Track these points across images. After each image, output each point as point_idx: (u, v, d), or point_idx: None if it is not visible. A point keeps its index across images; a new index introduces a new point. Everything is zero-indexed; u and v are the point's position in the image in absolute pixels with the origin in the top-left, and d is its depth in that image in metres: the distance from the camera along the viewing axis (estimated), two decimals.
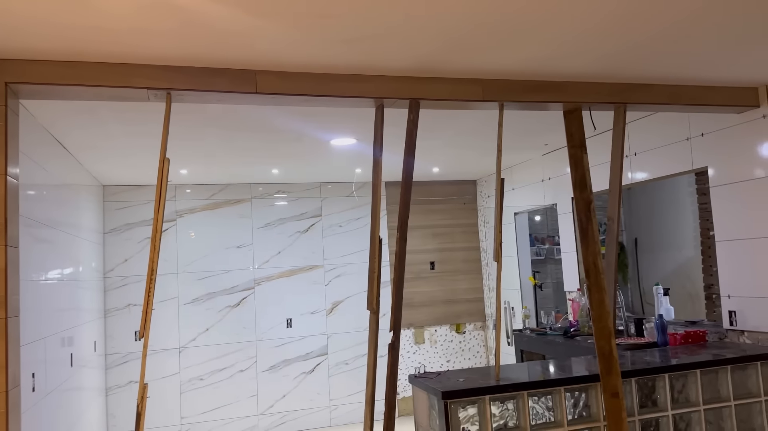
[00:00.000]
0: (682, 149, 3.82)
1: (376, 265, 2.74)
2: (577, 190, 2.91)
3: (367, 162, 5.14)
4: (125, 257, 5.45)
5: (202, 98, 2.52)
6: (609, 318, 2.79)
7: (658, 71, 2.90)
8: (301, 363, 5.83)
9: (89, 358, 4.63)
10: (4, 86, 2.21)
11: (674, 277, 4.75)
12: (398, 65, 2.57)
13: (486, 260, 6.39)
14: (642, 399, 2.91)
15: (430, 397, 2.79)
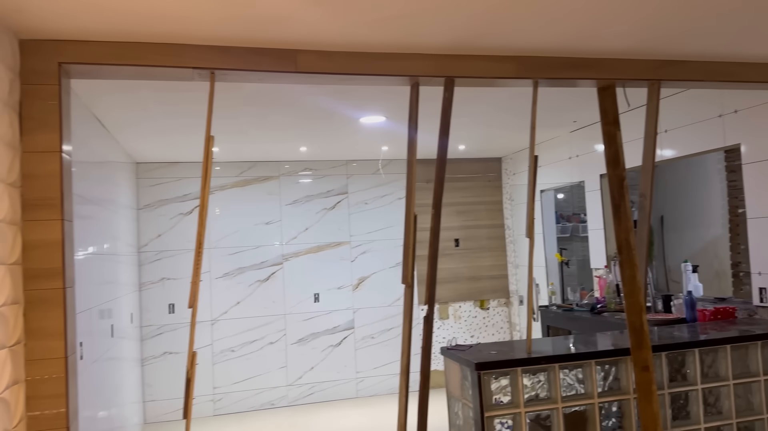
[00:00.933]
0: (714, 126, 3.80)
1: (411, 241, 2.81)
2: (610, 166, 2.94)
3: (394, 139, 5.18)
4: (158, 232, 5.60)
5: (244, 77, 2.58)
6: (640, 294, 2.83)
7: (692, 47, 2.89)
8: (329, 337, 5.97)
9: (127, 330, 4.79)
10: (57, 66, 2.29)
11: (701, 255, 4.76)
12: (433, 43, 2.60)
13: (511, 237, 6.43)
14: (672, 373, 2.96)
15: (462, 368, 2.87)
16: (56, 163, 2.29)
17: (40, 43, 2.29)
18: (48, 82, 2.29)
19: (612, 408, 2.90)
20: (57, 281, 2.27)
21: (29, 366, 2.25)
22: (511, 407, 2.74)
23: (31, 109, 2.28)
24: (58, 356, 2.27)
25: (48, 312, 2.26)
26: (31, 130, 2.28)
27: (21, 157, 2.27)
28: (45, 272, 2.27)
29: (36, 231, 2.27)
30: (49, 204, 2.28)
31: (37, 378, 2.25)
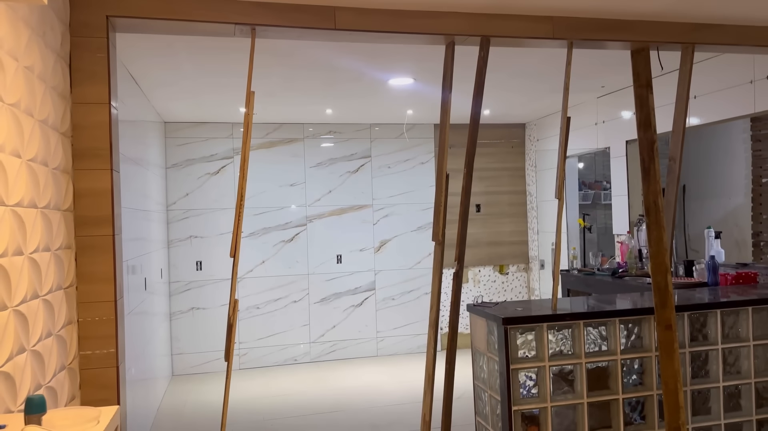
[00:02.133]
0: (744, 92, 3.79)
1: (443, 199, 2.88)
2: (641, 129, 2.96)
3: (420, 102, 5.21)
4: (186, 191, 5.71)
5: (283, 34, 2.63)
6: (666, 255, 2.89)
7: (727, 11, 2.88)
8: (350, 297, 6.10)
9: (157, 285, 4.95)
10: (105, 20, 2.36)
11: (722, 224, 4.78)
12: (470, 2, 2.62)
13: (533, 203, 6.48)
14: (693, 333, 3.04)
15: (489, 324, 2.96)
16: (105, 114, 2.37)
17: None
18: (97, 34, 2.35)
19: (634, 364, 2.99)
20: (107, 228, 2.38)
21: (81, 308, 2.37)
22: (535, 361, 2.84)
23: (80, 61, 2.35)
24: (108, 299, 2.39)
25: (98, 257, 2.38)
26: (81, 81, 2.35)
27: (71, 107, 2.35)
28: (95, 219, 2.37)
29: (86, 179, 2.37)
30: (99, 154, 2.37)
31: (89, 320, 2.37)
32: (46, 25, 2.09)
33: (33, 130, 1.94)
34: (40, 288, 1.97)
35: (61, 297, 2.20)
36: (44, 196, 2.03)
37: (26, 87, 1.89)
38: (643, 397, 2.96)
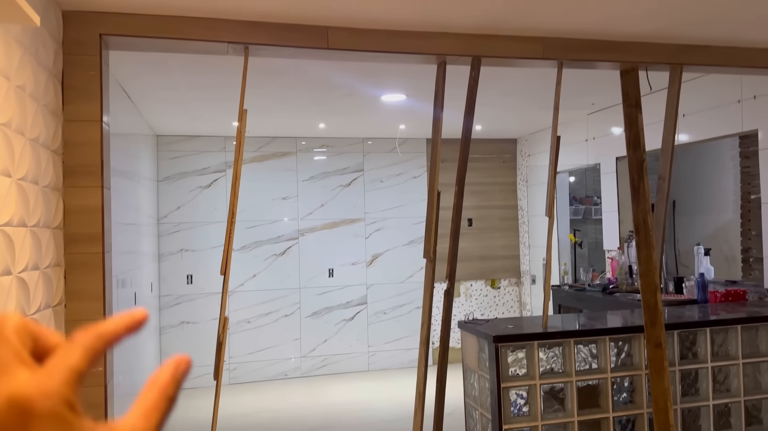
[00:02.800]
0: (732, 111, 3.84)
1: (434, 216, 2.89)
2: (630, 148, 2.99)
3: (412, 118, 5.23)
4: (178, 205, 5.70)
5: (277, 53, 2.64)
6: (656, 273, 2.91)
7: (714, 33, 2.92)
8: (342, 311, 6.08)
9: (147, 299, 4.92)
10: (98, 38, 2.36)
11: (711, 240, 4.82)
12: (462, 22, 2.65)
13: (524, 218, 6.50)
14: (683, 351, 3.05)
15: (480, 341, 2.96)
16: (97, 131, 2.37)
17: (82, 15, 2.35)
18: (89, 52, 2.36)
19: (624, 382, 3.00)
20: (97, 245, 2.37)
21: (69, 326, 2.36)
22: (526, 379, 2.84)
23: (73, 78, 2.35)
24: (97, 318, 2.37)
25: (88, 275, 2.36)
26: (73, 99, 2.35)
27: (63, 125, 2.35)
28: (85, 237, 2.36)
29: (77, 197, 2.36)
30: (90, 171, 2.36)
31: None
32: (38, 43, 2.09)
33: (24, 149, 1.93)
34: (27, 308, 1.96)
35: (49, 316, 2.18)
36: (34, 214, 2.02)
37: (18, 106, 1.89)
38: (634, 416, 2.96)
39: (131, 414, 0.34)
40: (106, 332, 0.34)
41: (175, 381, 0.36)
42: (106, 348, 0.34)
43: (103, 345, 0.34)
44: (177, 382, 0.36)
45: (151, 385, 0.35)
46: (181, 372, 0.36)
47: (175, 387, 0.35)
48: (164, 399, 0.35)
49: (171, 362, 0.36)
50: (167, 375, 0.36)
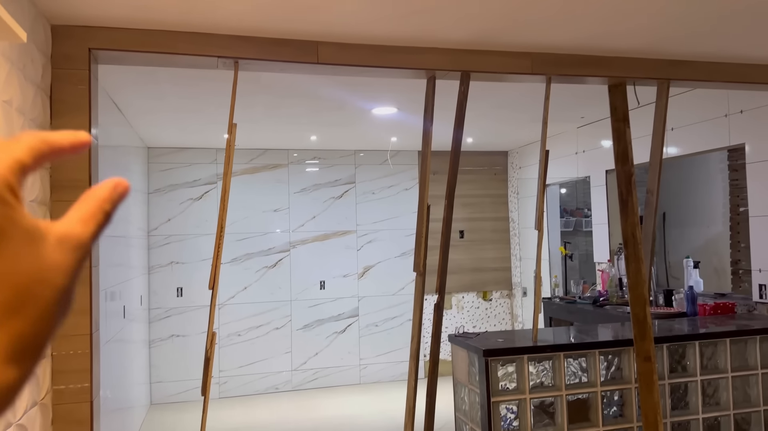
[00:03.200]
0: (719, 125, 3.88)
1: (424, 230, 2.89)
2: (618, 162, 3.01)
3: (403, 131, 5.25)
4: (168, 217, 5.68)
5: (266, 67, 2.65)
6: (644, 287, 2.92)
7: (701, 48, 2.95)
8: (333, 323, 6.06)
9: (136, 312, 4.88)
10: (87, 52, 2.36)
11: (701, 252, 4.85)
12: (451, 38, 2.67)
13: (515, 230, 6.52)
14: (672, 365, 3.06)
15: (470, 355, 2.96)
16: None
17: (71, 29, 2.35)
18: (78, 66, 2.36)
19: (614, 396, 2.99)
20: None
21: (55, 341, 2.33)
22: (516, 393, 2.83)
23: (61, 92, 2.35)
24: (83, 333, 2.36)
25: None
26: (61, 113, 2.35)
27: None
28: None
29: (64, 211, 2.32)
30: (78, 185, 2.35)
31: (63, 353, 2.33)
32: (26, 58, 2.09)
33: None
34: None
35: None
36: None
37: (4, 121, 1.88)
38: (624, 429, 2.96)
39: (68, 218, 0.34)
40: (52, 140, 0.34)
41: (113, 199, 0.36)
42: (50, 156, 0.34)
43: (48, 150, 0.34)
44: (114, 201, 0.36)
45: (89, 197, 0.35)
46: (119, 193, 0.36)
47: (112, 205, 0.36)
48: (101, 212, 0.35)
49: (110, 181, 0.36)
50: (106, 192, 0.36)
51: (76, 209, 0.35)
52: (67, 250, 0.33)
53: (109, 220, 0.36)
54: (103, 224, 0.35)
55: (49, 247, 0.32)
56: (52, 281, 0.32)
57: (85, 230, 0.34)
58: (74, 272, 0.33)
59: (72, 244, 0.33)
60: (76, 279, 0.33)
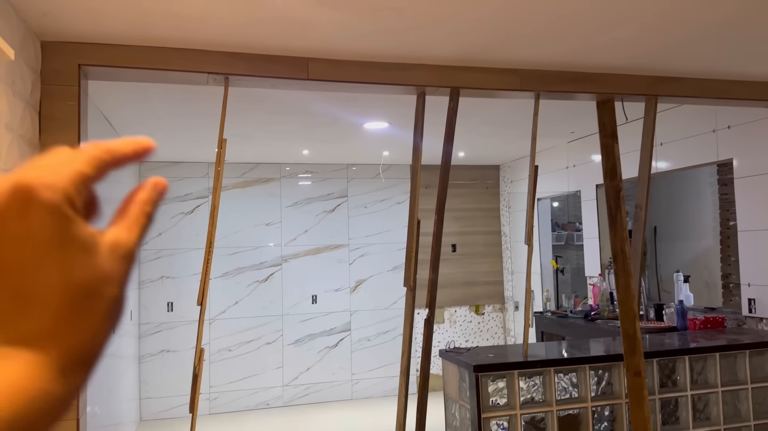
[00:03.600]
0: (708, 140, 3.91)
1: (414, 245, 2.90)
2: (607, 178, 3.03)
3: (395, 145, 5.27)
4: (159, 231, 5.65)
5: (257, 83, 2.66)
6: (634, 301, 2.93)
7: (688, 65, 2.99)
8: (325, 338, 6.03)
9: (126, 327, 4.84)
10: (77, 68, 2.37)
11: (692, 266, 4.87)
12: (440, 55, 2.69)
13: (507, 244, 6.53)
14: (662, 379, 3.06)
15: (460, 370, 2.95)
16: None
17: (61, 45, 2.36)
18: (68, 83, 2.36)
19: (604, 412, 2.99)
20: None
21: None
22: (507, 409, 2.83)
23: (50, 108, 2.35)
24: None
25: None
26: (50, 129, 2.35)
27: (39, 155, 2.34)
28: None
29: None
30: None
31: None
32: (15, 74, 2.09)
33: None
34: None
35: None
36: None
37: None
38: None
39: (115, 227, 0.34)
40: (114, 148, 0.35)
41: (153, 200, 0.36)
42: (112, 164, 0.35)
43: (111, 159, 0.35)
44: (154, 202, 0.36)
45: (131, 202, 0.36)
46: (159, 193, 0.37)
47: (153, 206, 0.36)
48: (144, 215, 0.36)
49: (150, 182, 0.37)
50: (146, 193, 0.36)
51: (121, 216, 0.35)
52: (118, 259, 0.33)
53: (152, 223, 0.36)
54: (146, 227, 0.36)
55: (101, 258, 0.33)
56: (106, 292, 0.32)
57: (131, 236, 0.34)
58: (125, 281, 0.34)
59: (121, 253, 0.34)
60: (126, 288, 0.34)
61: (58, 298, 0.31)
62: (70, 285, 0.31)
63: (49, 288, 0.30)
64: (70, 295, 0.31)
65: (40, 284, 0.30)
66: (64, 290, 0.31)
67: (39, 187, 0.31)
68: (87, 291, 0.31)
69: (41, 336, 0.30)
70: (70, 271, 0.31)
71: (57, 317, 0.30)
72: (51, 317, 0.30)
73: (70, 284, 0.31)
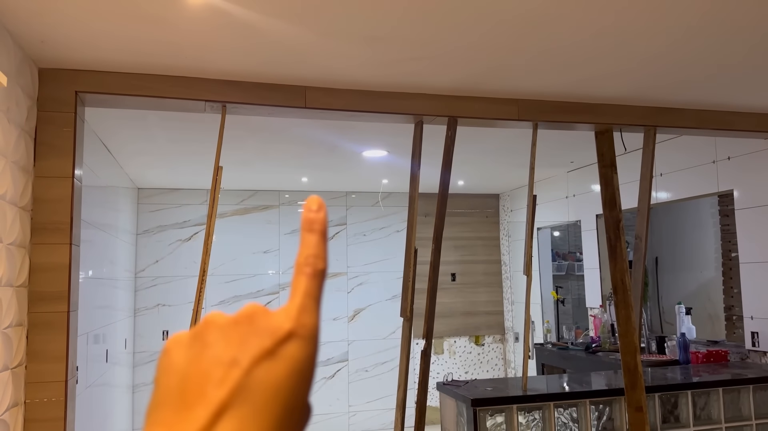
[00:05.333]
0: (708, 171, 3.90)
1: (411, 274, 2.86)
2: (606, 208, 3.01)
3: (394, 173, 5.27)
4: (156, 258, 5.62)
5: (254, 111, 2.66)
6: (635, 334, 2.87)
7: (687, 96, 2.99)
8: (322, 369, 5.94)
9: (120, 356, 4.77)
10: (74, 95, 2.36)
11: (694, 298, 4.81)
12: (438, 84, 2.69)
13: (507, 274, 6.48)
14: (665, 415, 2.98)
15: (458, 404, 2.88)
16: (68, 188, 2.34)
17: (58, 72, 2.36)
18: (64, 109, 2.36)
19: None
20: (62, 305, 2.30)
21: (29, 388, 2.26)
22: None
23: (46, 135, 2.34)
24: (58, 379, 2.28)
25: (51, 336, 2.29)
26: (45, 155, 2.33)
27: (33, 181, 2.32)
28: (50, 295, 2.29)
29: (44, 254, 2.31)
30: (59, 228, 2.32)
31: (36, 401, 2.26)
32: (10, 101, 2.09)
33: None
34: None
35: (7, 378, 2.09)
36: None
37: None
38: None
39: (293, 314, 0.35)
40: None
41: (314, 216, 0.37)
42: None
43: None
44: (320, 217, 0.37)
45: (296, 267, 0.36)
46: (317, 205, 0.37)
47: (320, 221, 0.37)
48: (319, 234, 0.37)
49: (305, 218, 0.37)
50: (306, 217, 0.37)
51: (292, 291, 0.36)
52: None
53: (325, 275, 0.37)
54: (319, 299, 0.37)
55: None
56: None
57: (311, 320, 0.36)
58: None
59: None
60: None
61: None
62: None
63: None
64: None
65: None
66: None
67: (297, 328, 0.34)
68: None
69: None
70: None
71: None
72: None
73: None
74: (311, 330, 0.34)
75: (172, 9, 1.92)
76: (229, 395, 0.32)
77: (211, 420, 0.31)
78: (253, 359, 0.32)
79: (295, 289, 0.35)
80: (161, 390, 0.33)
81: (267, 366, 0.32)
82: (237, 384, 0.32)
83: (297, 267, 0.36)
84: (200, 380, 0.32)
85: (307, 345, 0.34)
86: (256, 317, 0.34)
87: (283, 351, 0.33)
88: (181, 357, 0.34)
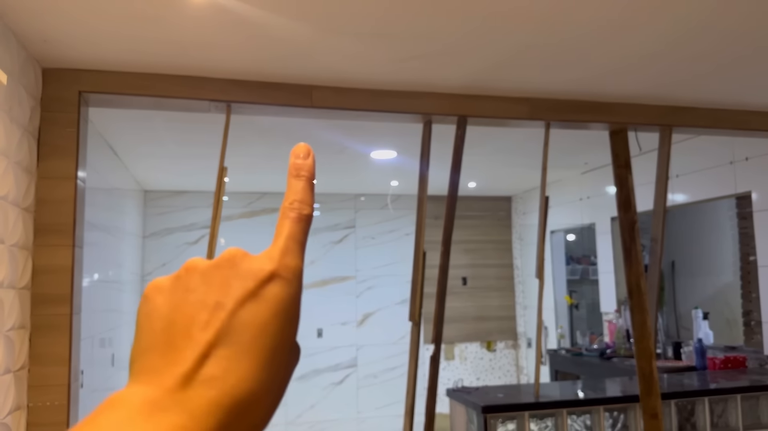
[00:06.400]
0: (725, 173, 3.80)
1: (420, 278, 2.79)
2: (621, 210, 2.93)
3: (404, 175, 5.21)
4: (163, 261, 5.59)
5: (260, 111, 2.61)
6: (650, 340, 2.79)
7: (703, 95, 2.91)
8: (331, 374, 5.88)
9: (126, 360, 4.74)
10: (77, 95, 2.33)
11: (712, 302, 4.70)
12: (448, 83, 2.63)
13: (520, 278, 6.39)
14: (681, 422, 2.89)
15: (468, 411, 2.81)
16: (71, 189, 2.30)
17: (61, 72, 2.33)
18: (68, 110, 2.32)
19: None
20: (65, 307, 2.26)
21: (32, 391, 2.22)
22: None
23: (49, 135, 2.31)
24: (61, 383, 2.25)
25: (54, 338, 2.25)
26: (48, 156, 2.30)
27: (36, 182, 2.29)
28: (53, 298, 2.26)
29: (47, 256, 2.27)
30: (62, 230, 2.28)
31: (39, 405, 2.22)
32: (13, 101, 2.05)
33: None
34: None
35: (9, 381, 2.06)
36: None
37: None
38: None
39: (276, 256, 0.35)
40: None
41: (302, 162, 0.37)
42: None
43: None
44: (307, 163, 0.37)
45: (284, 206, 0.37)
46: (305, 152, 0.37)
47: (307, 167, 0.37)
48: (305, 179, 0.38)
49: (292, 164, 0.38)
50: (293, 163, 0.37)
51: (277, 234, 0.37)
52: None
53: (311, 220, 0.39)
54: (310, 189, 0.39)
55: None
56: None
57: (294, 262, 0.38)
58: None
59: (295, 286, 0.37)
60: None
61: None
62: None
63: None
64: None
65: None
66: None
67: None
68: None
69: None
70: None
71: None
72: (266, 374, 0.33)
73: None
74: (294, 271, 0.34)
75: (175, 8, 1.88)
76: (215, 336, 0.31)
77: (198, 361, 0.31)
78: (236, 301, 0.32)
79: (279, 232, 0.36)
80: (145, 336, 0.33)
81: (251, 307, 0.32)
82: (222, 325, 0.32)
83: (282, 211, 0.37)
84: (185, 324, 0.32)
85: (290, 285, 0.34)
86: (238, 260, 0.34)
87: (266, 292, 0.33)
88: (164, 302, 0.34)
